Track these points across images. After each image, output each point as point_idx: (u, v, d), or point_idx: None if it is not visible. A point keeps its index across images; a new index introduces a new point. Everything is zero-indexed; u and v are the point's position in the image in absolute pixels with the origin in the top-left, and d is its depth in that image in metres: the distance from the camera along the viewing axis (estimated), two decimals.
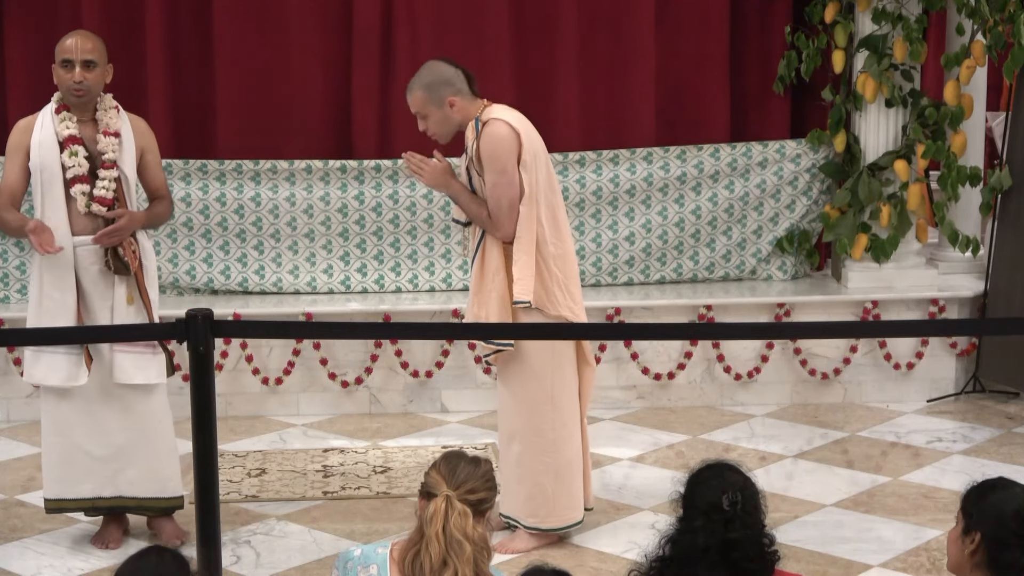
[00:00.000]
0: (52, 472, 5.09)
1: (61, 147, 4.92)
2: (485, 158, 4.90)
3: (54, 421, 5.06)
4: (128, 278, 4.99)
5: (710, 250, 7.40)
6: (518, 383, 5.07)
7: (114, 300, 4.99)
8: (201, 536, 3.08)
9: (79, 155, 4.92)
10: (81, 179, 4.92)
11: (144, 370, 5.04)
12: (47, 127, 4.95)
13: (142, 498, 5.13)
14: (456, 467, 3.22)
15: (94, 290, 4.98)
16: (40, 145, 4.93)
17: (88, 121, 5.00)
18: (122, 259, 4.96)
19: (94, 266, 4.96)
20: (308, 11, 7.27)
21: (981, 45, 6.93)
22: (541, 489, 5.10)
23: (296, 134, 7.30)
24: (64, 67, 4.93)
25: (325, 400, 6.96)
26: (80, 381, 4.96)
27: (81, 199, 4.92)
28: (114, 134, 4.98)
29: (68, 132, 4.93)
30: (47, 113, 4.99)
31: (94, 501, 5.11)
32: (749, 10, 7.58)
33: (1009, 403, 7.08)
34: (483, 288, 4.99)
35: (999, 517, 3.04)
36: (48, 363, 4.96)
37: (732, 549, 3.07)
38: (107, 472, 5.07)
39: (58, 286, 4.94)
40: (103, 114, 5.01)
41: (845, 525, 5.36)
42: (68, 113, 4.97)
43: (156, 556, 2.83)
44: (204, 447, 3.12)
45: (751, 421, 6.83)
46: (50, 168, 4.91)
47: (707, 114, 7.49)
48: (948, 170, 7.07)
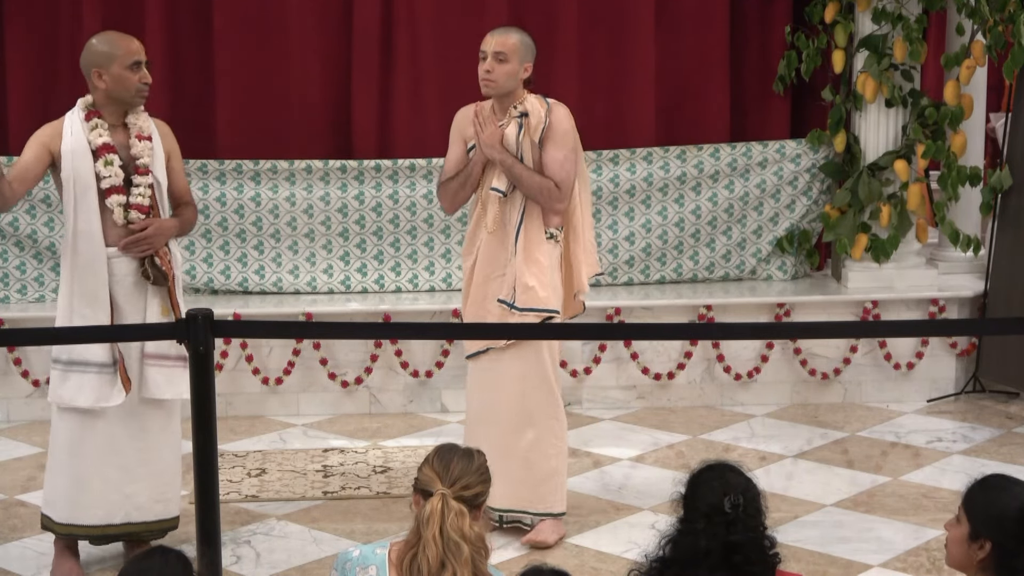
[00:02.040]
0: (64, 495, 4.84)
1: (94, 155, 4.71)
2: (559, 134, 5.08)
3: (71, 443, 4.81)
4: (162, 289, 4.81)
5: (710, 250, 7.41)
6: (532, 367, 5.11)
7: (146, 312, 4.79)
8: (201, 536, 3.08)
9: (114, 164, 4.72)
10: (116, 190, 4.72)
11: (176, 384, 4.84)
12: (77, 134, 4.72)
13: (149, 521, 4.93)
14: (450, 463, 3.19)
15: (127, 303, 4.78)
16: (73, 154, 4.70)
17: (119, 126, 4.81)
18: (160, 268, 4.79)
19: (128, 278, 4.78)
20: (308, 11, 7.27)
21: (981, 45, 6.93)
22: (555, 472, 5.18)
23: (296, 134, 7.30)
24: (133, 68, 4.72)
25: (325, 400, 6.96)
26: (113, 402, 4.74)
27: (118, 211, 4.72)
28: (147, 138, 4.81)
29: (102, 140, 4.72)
30: (75, 120, 4.76)
31: (104, 528, 4.87)
32: (749, 10, 7.59)
33: (1009, 403, 7.08)
34: (536, 259, 5.06)
35: (1007, 523, 3.02)
36: (77, 383, 4.73)
37: (734, 552, 3.06)
38: (118, 497, 4.85)
39: (90, 302, 4.71)
40: (135, 118, 4.82)
41: (845, 525, 5.36)
42: (100, 120, 4.76)
43: (160, 557, 2.83)
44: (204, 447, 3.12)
45: (751, 421, 6.83)
46: (84, 179, 4.69)
47: (707, 114, 7.50)
48: (948, 170, 7.07)
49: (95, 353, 4.72)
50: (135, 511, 4.89)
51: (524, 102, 5.10)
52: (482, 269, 5.16)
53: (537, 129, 5.07)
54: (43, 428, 6.37)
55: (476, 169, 5.13)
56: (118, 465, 4.83)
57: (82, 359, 4.72)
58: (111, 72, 4.74)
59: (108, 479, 4.83)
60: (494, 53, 5.05)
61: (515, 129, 5.07)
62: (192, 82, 7.35)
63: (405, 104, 7.33)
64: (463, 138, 5.21)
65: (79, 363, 4.72)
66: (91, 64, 4.75)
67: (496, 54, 5.05)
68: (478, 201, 5.20)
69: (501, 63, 5.04)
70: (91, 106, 4.80)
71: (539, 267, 5.06)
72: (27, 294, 7.04)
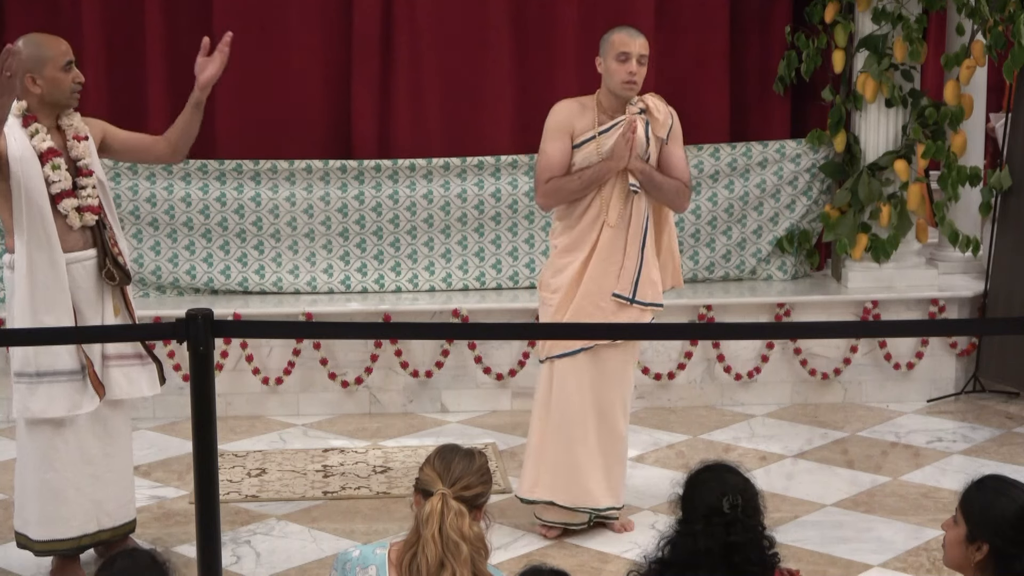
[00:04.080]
0: (41, 512, 4.72)
1: (40, 160, 4.57)
2: (679, 133, 5.19)
3: (42, 457, 4.68)
4: (116, 289, 4.74)
5: (710, 250, 7.41)
6: (631, 363, 5.25)
7: (103, 313, 4.71)
8: (201, 536, 3.07)
9: (62, 168, 4.61)
10: (68, 193, 4.62)
11: (135, 382, 4.80)
12: (20, 140, 4.55)
13: (116, 527, 4.87)
14: (451, 463, 3.19)
15: (87, 307, 4.69)
16: (22, 160, 4.53)
17: (53, 129, 4.68)
18: (123, 268, 4.74)
19: (88, 281, 4.69)
20: (308, 12, 7.27)
21: (981, 45, 6.93)
22: (624, 466, 5.30)
23: (296, 134, 7.30)
24: (65, 69, 4.64)
25: (325, 400, 6.96)
26: (86, 408, 4.66)
27: (73, 214, 4.62)
28: (84, 138, 4.71)
29: (46, 145, 4.59)
30: (13, 126, 4.55)
31: (79, 540, 4.78)
32: (749, 10, 7.59)
33: (1009, 403, 7.08)
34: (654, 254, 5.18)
35: (1005, 526, 3.02)
36: (47, 393, 4.60)
37: (733, 552, 3.06)
38: (90, 506, 4.77)
39: (52, 310, 4.57)
40: (68, 119, 4.71)
41: (845, 525, 5.36)
42: (38, 124, 4.62)
43: (127, 559, 2.82)
44: (204, 447, 3.11)
45: (751, 421, 6.83)
46: (35, 186, 4.54)
47: (707, 114, 7.49)
48: (948, 170, 7.07)
49: (64, 361, 4.62)
50: (105, 517, 4.84)
51: (643, 99, 5.09)
52: (600, 264, 5.09)
53: (664, 127, 5.09)
54: None
55: (608, 176, 5.05)
56: (90, 474, 4.77)
57: (51, 369, 4.61)
58: (45, 75, 4.62)
59: (81, 488, 4.76)
60: (640, 56, 5.02)
61: (642, 126, 5.06)
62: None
63: (405, 104, 7.33)
64: (569, 132, 5.10)
65: (48, 373, 4.61)
66: (23, 69, 4.50)
67: (642, 57, 5.03)
68: (593, 198, 5.10)
69: (643, 66, 5.05)
70: (26, 111, 4.65)
71: (655, 263, 5.19)
72: None
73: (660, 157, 5.13)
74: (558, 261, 5.17)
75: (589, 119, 5.09)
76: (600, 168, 5.03)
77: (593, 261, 5.10)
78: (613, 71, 5.03)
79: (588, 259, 5.11)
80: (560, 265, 5.16)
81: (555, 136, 5.10)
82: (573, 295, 5.12)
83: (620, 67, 5.00)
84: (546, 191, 5.10)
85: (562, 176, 5.06)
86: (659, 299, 5.19)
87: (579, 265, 5.11)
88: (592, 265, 5.10)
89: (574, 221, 5.13)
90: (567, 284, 5.13)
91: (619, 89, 5.04)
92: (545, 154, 5.09)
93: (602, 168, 5.03)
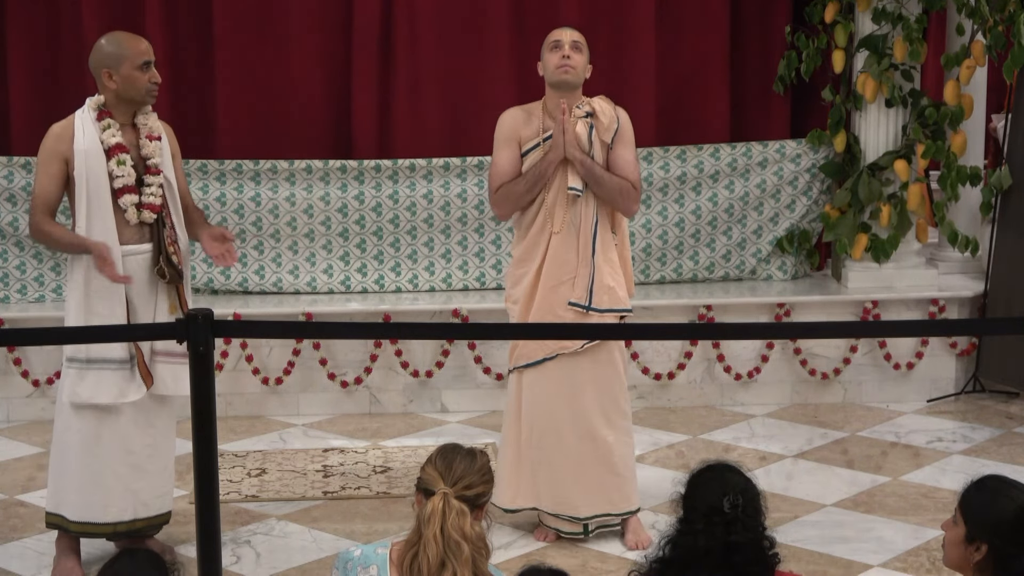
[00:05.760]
0: (78, 493, 4.83)
1: (107, 155, 4.72)
2: (628, 135, 5.09)
3: (87, 441, 4.81)
4: (171, 287, 4.83)
5: (710, 250, 7.41)
6: (608, 368, 5.09)
7: (156, 310, 4.81)
8: (201, 536, 3.07)
9: (127, 164, 4.73)
10: (129, 189, 4.73)
11: (180, 380, 4.85)
12: (90, 133, 4.72)
13: (151, 517, 4.95)
14: (452, 462, 3.20)
15: (139, 301, 4.78)
16: (87, 154, 4.69)
17: (128, 126, 4.81)
18: (176, 266, 4.81)
19: (142, 275, 4.77)
20: (308, 11, 7.28)
21: (981, 45, 6.93)
22: (632, 470, 5.19)
23: (296, 134, 7.30)
24: (142, 68, 4.73)
25: (325, 400, 6.96)
26: (132, 396, 4.77)
27: (132, 210, 4.73)
28: (157, 138, 4.82)
29: (115, 140, 4.73)
30: (86, 119, 4.75)
31: (115, 526, 4.87)
32: (749, 10, 7.59)
33: (1009, 403, 7.08)
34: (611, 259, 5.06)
35: (1004, 526, 3.02)
36: (96, 380, 4.74)
37: (733, 552, 3.06)
38: (127, 494, 4.87)
39: (106, 301, 4.71)
40: (144, 118, 4.83)
41: (845, 525, 5.36)
42: (111, 119, 4.76)
43: (128, 559, 2.83)
44: (204, 447, 3.11)
45: (751, 421, 6.83)
46: (97, 178, 4.69)
47: (707, 114, 7.50)
48: (948, 170, 7.07)
49: (114, 350, 4.74)
50: (141, 507, 4.92)
51: (590, 102, 5.04)
52: (553, 273, 5.03)
53: (610, 130, 5.03)
54: (43, 428, 6.39)
55: (550, 169, 4.99)
56: (130, 463, 4.86)
57: (101, 356, 4.73)
58: (121, 72, 4.74)
59: (120, 476, 4.85)
60: (572, 42, 5.00)
61: (585, 129, 5.00)
62: (192, 82, 7.35)
63: (405, 104, 7.33)
64: (516, 140, 5.07)
65: (97, 360, 4.74)
66: (101, 65, 4.75)
67: (574, 43, 5.01)
68: (539, 205, 5.06)
69: (578, 52, 5.01)
70: (102, 106, 4.79)
71: (613, 266, 5.07)
72: (27, 294, 7.04)
73: (608, 160, 5.04)
74: (515, 272, 5.15)
75: (535, 126, 5.07)
76: (541, 164, 4.99)
77: (545, 270, 5.04)
78: (547, 60, 5.03)
79: (540, 268, 5.06)
80: (516, 276, 5.14)
81: (502, 145, 5.09)
82: (531, 306, 5.08)
83: (553, 54, 5.01)
84: (496, 199, 5.09)
85: (510, 182, 5.05)
86: (619, 304, 5.05)
87: (532, 276, 5.07)
88: (544, 274, 5.05)
89: (524, 231, 5.12)
90: (524, 295, 5.10)
91: (555, 75, 5.00)
92: (494, 164, 5.10)
93: (543, 163, 4.99)
